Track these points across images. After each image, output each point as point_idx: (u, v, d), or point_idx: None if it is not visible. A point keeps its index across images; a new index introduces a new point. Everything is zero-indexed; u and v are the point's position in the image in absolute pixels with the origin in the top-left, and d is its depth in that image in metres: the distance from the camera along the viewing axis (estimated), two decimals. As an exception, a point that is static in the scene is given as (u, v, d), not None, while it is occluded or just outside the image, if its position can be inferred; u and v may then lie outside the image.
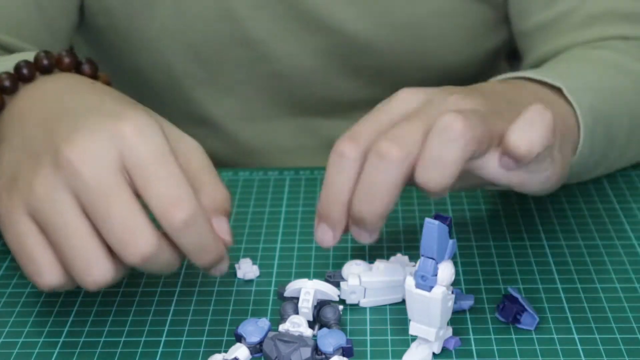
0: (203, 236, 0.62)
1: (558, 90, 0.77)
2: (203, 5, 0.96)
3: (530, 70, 0.79)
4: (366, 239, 0.67)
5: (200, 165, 0.66)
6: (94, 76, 0.74)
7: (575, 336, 0.66)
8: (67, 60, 0.73)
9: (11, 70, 0.72)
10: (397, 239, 0.78)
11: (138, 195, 0.61)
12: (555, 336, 0.66)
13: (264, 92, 1.01)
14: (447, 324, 0.64)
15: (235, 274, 0.74)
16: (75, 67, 0.73)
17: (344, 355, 0.63)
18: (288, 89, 1.01)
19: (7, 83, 0.71)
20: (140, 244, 0.60)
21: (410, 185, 0.66)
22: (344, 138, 0.66)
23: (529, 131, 0.64)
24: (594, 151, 0.78)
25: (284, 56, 0.98)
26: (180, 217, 0.61)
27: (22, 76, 0.71)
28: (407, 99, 0.68)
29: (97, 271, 0.61)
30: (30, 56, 0.73)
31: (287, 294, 0.67)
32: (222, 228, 0.65)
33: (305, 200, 0.85)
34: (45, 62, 0.72)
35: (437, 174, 0.63)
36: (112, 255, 0.62)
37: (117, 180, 0.61)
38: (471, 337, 0.66)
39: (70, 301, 0.71)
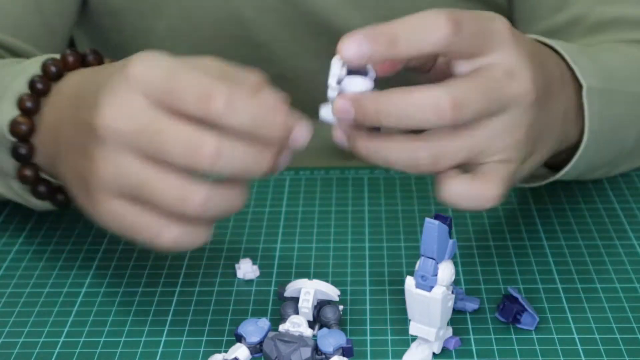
0: (253, 109, 0.60)
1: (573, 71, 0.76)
2: (209, 7, 0.96)
3: (566, 46, 0.77)
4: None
5: (220, 69, 0.64)
6: (100, 64, 0.74)
7: (575, 336, 0.66)
8: (71, 59, 0.73)
9: (27, 90, 0.73)
10: (397, 239, 0.78)
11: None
12: (555, 336, 0.66)
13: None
14: (447, 324, 0.64)
15: (235, 274, 0.74)
16: (81, 62, 0.74)
17: (344, 355, 0.63)
18: (292, 91, 1.01)
19: (29, 104, 0.72)
20: (205, 148, 0.59)
21: (409, 185, 0.65)
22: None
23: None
24: (597, 155, 0.78)
25: (289, 58, 0.98)
26: (219, 104, 0.60)
27: (39, 92, 0.72)
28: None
29: (198, 198, 0.61)
30: (36, 67, 0.73)
31: (287, 294, 0.67)
32: (270, 98, 0.62)
33: (305, 200, 0.85)
34: (53, 69, 0.73)
35: None
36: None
37: (158, 116, 0.61)
38: (471, 337, 0.66)
39: (70, 301, 0.71)
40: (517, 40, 0.66)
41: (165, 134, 0.60)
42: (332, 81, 0.64)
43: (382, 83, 0.66)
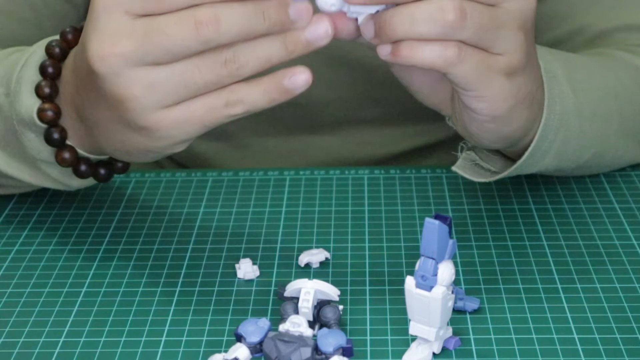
0: None
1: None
2: None
3: (545, 50, 0.78)
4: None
5: None
6: None
7: (575, 336, 0.66)
8: (70, 36, 0.74)
9: (40, 77, 0.74)
10: (397, 239, 0.78)
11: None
12: (555, 336, 0.66)
13: (279, 115, 1.01)
14: (447, 324, 0.64)
15: (235, 274, 0.74)
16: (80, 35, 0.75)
17: (344, 355, 0.63)
18: (305, 117, 1.01)
19: (47, 90, 0.73)
20: (202, 18, 0.61)
21: (409, 185, 0.65)
22: None
23: None
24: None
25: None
26: None
27: (51, 75, 0.73)
28: None
29: (235, 63, 0.62)
30: (41, 52, 0.75)
31: (287, 294, 0.67)
32: None
33: (305, 200, 0.85)
34: (57, 50, 0.74)
35: None
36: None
37: (142, 23, 0.62)
38: (471, 337, 0.66)
39: (70, 301, 0.71)
40: None
41: (163, 26, 0.61)
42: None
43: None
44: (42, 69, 0.73)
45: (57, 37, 0.75)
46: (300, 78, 0.65)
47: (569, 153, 0.79)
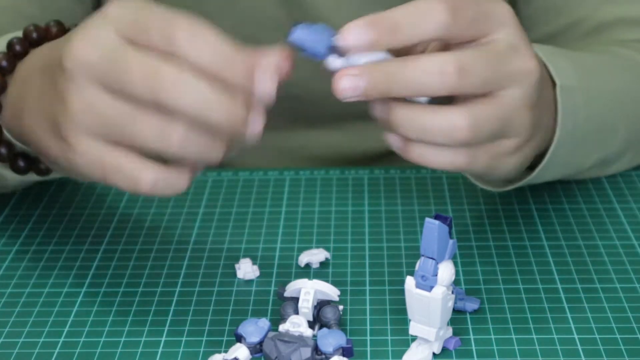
0: (215, 46, 0.60)
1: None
2: (226, 31, 0.96)
3: (542, 47, 0.78)
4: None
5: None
6: None
7: (575, 336, 0.66)
8: (54, 30, 0.74)
9: (4, 49, 0.73)
10: (397, 239, 0.78)
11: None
12: (555, 336, 0.66)
13: (277, 109, 1.01)
14: (447, 324, 0.64)
15: (235, 274, 0.74)
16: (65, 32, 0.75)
17: (344, 355, 0.63)
18: (305, 110, 1.01)
19: (4, 63, 0.72)
20: (165, 76, 0.59)
21: (409, 185, 0.66)
22: None
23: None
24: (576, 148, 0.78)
25: (304, 80, 0.98)
26: (181, 37, 0.59)
27: (16, 53, 0.72)
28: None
29: (176, 135, 0.60)
30: (17, 33, 0.74)
31: (287, 294, 0.67)
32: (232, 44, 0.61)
33: (305, 201, 0.85)
34: (34, 35, 0.73)
35: None
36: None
37: (123, 48, 0.61)
38: (471, 337, 0.66)
39: (70, 301, 0.71)
40: (518, 23, 0.66)
41: (128, 66, 0.60)
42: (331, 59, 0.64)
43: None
44: (10, 45, 0.73)
45: (19, 33, 0.74)
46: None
47: (573, 162, 0.79)
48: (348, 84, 0.63)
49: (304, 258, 0.74)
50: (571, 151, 0.77)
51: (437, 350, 0.64)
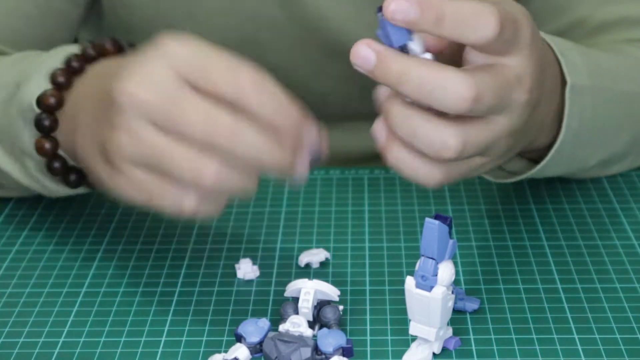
0: (275, 97, 0.62)
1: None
2: (226, 30, 0.96)
3: (558, 41, 0.77)
4: None
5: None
6: None
7: (575, 336, 0.66)
8: (108, 45, 0.75)
9: (63, 66, 0.74)
10: (397, 239, 0.78)
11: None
12: (555, 336, 0.66)
13: None
14: (447, 324, 0.64)
15: (235, 274, 0.74)
16: (118, 51, 0.76)
17: (344, 355, 0.63)
18: (306, 110, 1.01)
19: (61, 79, 0.73)
20: (222, 126, 0.61)
21: (409, 185, 0.65)
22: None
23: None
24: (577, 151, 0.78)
25: (304, 80, 0.98)
26: (247, 86, 0.61)
27: (73, 69, 0.74)
28: None
29: (210, 172, 0.61)
30: (74, 48, 0.76)
31: (287, 294, 0.67)
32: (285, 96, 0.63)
33: (306, 201, 0.85)
34: (91, 51, 0.74)
35: None
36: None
37: (182, 90, 0.61)
38: (471, 337, 0.66)
39: (70, 301, 0.71)
40: (534, 47, 0.66)
41: (186, 109, 0.61)
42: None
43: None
44: (68, 61, 0.74)
45: (76, 49, 0.76)
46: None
47: (575, 161, 0.79)
48: (362, 53, 0.63)
49: (304, 258, 0.74)
50: (575, 149, 0.77)
51: (437, 350, 0.64)
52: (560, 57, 0.74)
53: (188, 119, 0.61)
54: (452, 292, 0.63)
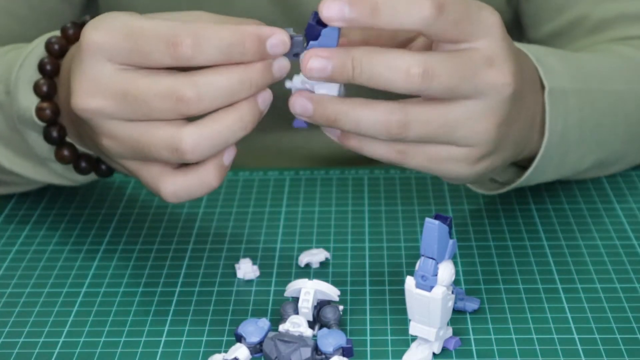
0: (220, 41, 0.62)
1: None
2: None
3: (533, 48, 0.78)
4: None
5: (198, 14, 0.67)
6: None
7: (575, 336, 0.66)
8: (71, 32, 0.75)
9: (39, 75, 0.75)
10: (397, 239, 0.78)
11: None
12: (555, 336, 0.66)
13: (278, 110, 1.01)
14: (447, 324, 0.64)
15: (235, 274, 0.74)
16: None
17: (344, 355, 0.63)
18: None
19: (45, 89, 0.74)
20: (185, 94, 0.62)
21: (409, 185, 0.65)
22: None
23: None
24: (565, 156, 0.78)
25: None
26: (184, 48, 0.62)
27: (50, 73, 0.74)
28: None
29: (188, 142, 0.63)
30: (40, 49, 0.75)
31: (287, 294, 0.67)
32: (239, 26, 0.63)
33: (305, 201, 0.85)
34: (56, 47, 0.74)
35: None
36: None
37: (127, 78, 0.63)
38: (471, 337, 0.66)
39: (70, 301, 0.71)
40: (504, 34, 0.66)
41: (144, 95, 0.63)
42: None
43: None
44: (41, 67, 0.74)
45: (57, 32, 0.75)
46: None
47: (567, 164, 0.79)
48: (316, 65, 0.63)
49: (304, 258, 0.74)
50: (564, 153, 0.77)
51: (437, 350, 0.64)
52: (536, 63, 0.74)
53: (150, 104, 0.63)
54: (452, 292, 0.63)
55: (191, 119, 0.65)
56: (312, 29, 0.64)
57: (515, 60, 0.66)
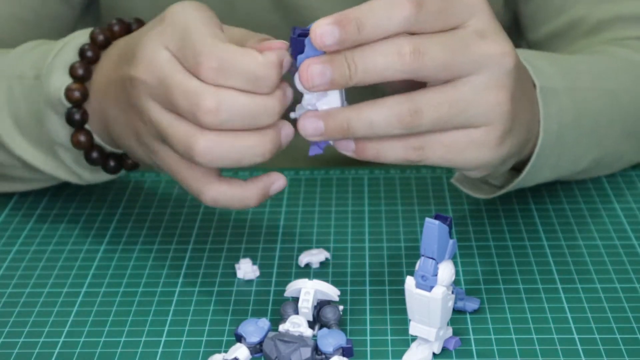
0: (244, 67, 0.64)
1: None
2: None
3: (522, 51, 0.78)
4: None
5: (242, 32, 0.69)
6: None
7: (575, 336, 0.66)
8: (117, 28, 0.77)
9: (78, 58, 0.76)
10: (397, 239, 0.78)
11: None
12: (555, 336, 0.66)
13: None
14: (447, 324, 0.64)
15: (235, 274, 0.74)
16: (127, 31, 0.78)
17: (344, 355, 0.63)
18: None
19: (80, 71, 0.75)
20: (205, 102, 0.64)
21: (409, 185, 0.65)
22: None
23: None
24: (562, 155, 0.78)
25: None
26: (209, 70, 0.64)
27: (89, 59, 0.75)
28: None
29: (200, 146, 0.65)
30: (84, 37, 0.77)
31: (287, 294, 0.67)
32: (265, 56, 0.65)
33: (305, 201, 0.85)
34: (101, 37, 0.76)
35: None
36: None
37: (171, 68, 0.65)
38: (471, 337, 0.66)
39: (70, 301, 0.71)
40: (490, 12, 0.67)
41: (173, 87, 0.65)
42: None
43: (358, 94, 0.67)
44: (82, 52, 0.76)
45: (104, 27, 0.77)
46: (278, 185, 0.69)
47: (564, 164, 0.79)
48: (316, 70, 0.64)
49: (304, 258, 0.74)
50: (560, 153, 0.77)
51: (437, 350, 0.64)
52: (525, 63, 0.74)
53: (176, 98, 0.65)
54: (452, 292, 0.63)
55: None
56: (297, 42, 0.65)
57: (503, 31, 0.67)
